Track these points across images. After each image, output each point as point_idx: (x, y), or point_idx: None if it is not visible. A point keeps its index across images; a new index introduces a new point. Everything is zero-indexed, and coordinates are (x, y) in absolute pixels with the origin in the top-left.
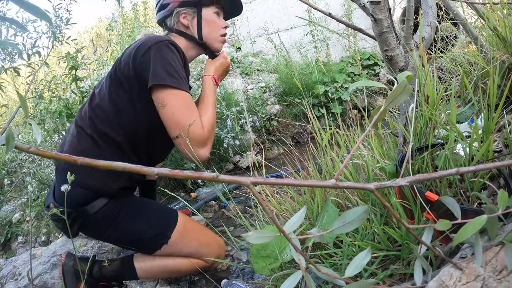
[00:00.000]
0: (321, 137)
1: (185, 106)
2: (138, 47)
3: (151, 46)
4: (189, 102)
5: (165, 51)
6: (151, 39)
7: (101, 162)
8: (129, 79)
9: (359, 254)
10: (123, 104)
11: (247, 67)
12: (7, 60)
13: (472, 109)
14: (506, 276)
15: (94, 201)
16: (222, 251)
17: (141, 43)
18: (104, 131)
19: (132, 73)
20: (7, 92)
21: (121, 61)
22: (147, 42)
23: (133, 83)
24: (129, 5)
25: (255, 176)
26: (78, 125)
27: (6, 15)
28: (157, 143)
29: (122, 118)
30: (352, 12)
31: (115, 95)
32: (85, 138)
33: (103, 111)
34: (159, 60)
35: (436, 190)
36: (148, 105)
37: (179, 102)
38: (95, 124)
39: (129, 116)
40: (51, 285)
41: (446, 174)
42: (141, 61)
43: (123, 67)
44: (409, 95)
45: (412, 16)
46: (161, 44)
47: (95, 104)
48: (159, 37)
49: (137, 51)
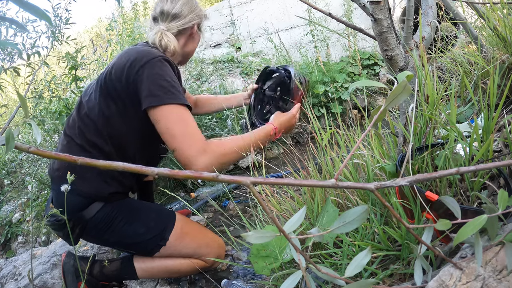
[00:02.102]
0: (321, 137)
1: (180, 119)
2: (131, 64)
3: (145, 65)
4: (184, 115)
5: (159, 67)
6: (144, 55)
7: (100, 162)
8: (120, 93)
9: (359, 254)
10: (112, 116)
11: (247, 67)
12: (6, 60)
13: (472, 109)
14: (506, 275)
15: (89, 206)
16: (222, 251)
17: (134, 59)
18: (93, 141)
19: (125, 88)
20: (7, 92)
21: (112, 74)
22: (141, 58)
23: (124, 98)
24: (129, 5)
25: (255, 176)
26: (67, 134)
27: (6, 15)
28: (146, 153)
29: (111, 129)
30: (352, 12)
31: (105, 106)
32: (74, 147)
33: (91, 121)
34: (154, 78)
35: (436, 190)
36: (137, 118)
37: (174, 116)
38: (83, 133)
39: (118, 127)
40: (51, 285)
41: (446, 174)
42: (135, 79)
43: (115, 81)
44: (409, 94)
45: (412, 16)
46: (154, 61)
47: (84, 114)
48: (152, 53)
49: (130, 68)
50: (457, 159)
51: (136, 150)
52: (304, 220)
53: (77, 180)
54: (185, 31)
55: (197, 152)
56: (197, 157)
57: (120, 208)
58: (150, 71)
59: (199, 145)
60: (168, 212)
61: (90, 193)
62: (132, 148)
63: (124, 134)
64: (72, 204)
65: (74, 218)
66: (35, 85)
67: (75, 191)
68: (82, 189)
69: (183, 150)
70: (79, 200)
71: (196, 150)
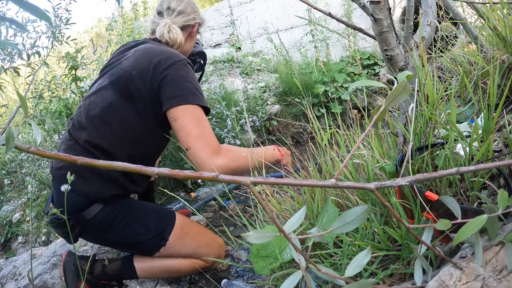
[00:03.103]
0: (321, 136)
1: (198, 120)
2: (155, 65)
3: (170, 67)
4: (202, 117)
5: (183, 70)
6: (169, 56)
7: (100, 162)
8: (143, 95)
9: (359, 253)
10: (130, 117)
11: (247, 67)
12: (6, 60)
13: (472, 109)
14: (506, 275)
15: (90, 206)
16: (222, 251)
17: (158, 61)
18: (100, 144)
19: (148, 89)
20: (7, 92)
21: (133, 75)
22: (165, 60)
23: (146, 99)
24: (129, 5)
25: (255, 176)
26: (71, 134)
27: (6, 15)
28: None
29: (125, 131)
30: (352, 11)
31: (123, 108)
32: (78, 148)
33: (105, 123)
34: (178, 80)
35: (436, 190)
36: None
37: (193, 117)
38: (92, 137)
39: (134, 129)
40: (51, 285)
41: (446, 173)
42: (161, 78)
43: (138, 82)
44: (409, 94)
45: (412, 16)
46: (179, 64)
47: (94, 115)
48: (176, 55)
49: (155, 70)
50: (457, 159)
51: (146, 155)
52: (304, 220)
53: (78, 180)
54: (187, 28)
55: (210, 154)
56: (210, 159)
57: (120, 208)
58: (175, 73)
59: (213, 148)
60: (168, 212)
61: (90, 194)
62: (143, 152)
63: (139, 137)
64: (73, 204)
65: (74, 218)
66: (35, 85)
67: (76, 191)
68: (83, 189)
69: (197, 150)
70: (80, 200)
71: (209, 152)
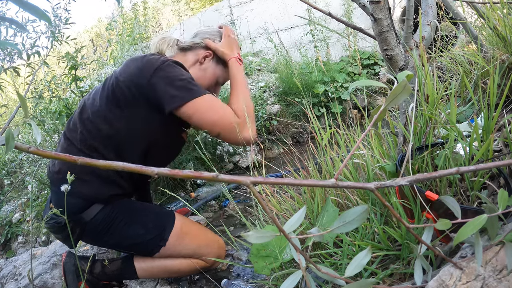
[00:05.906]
0: (321, 136)
1: (210, 107)
2: (140, 71)
3: (155, 71)
4: (210, 101)
5: (169, 70)
6: (151, 62)
7: (100, 162)
8: (129, 101)
9: (359, 253)
10: (118, 123)
11: (247, 66)
12: (6, 60)
13: (472, 109)
14: (506, 275)
15: (88, 208)
16: (222, 251)
17: (143, 67)
18: (94, 146)
19: (137, 97)
20: (7, 92)
21: (119, 81)
22: (149, 66)
23: (135, 105)
24: (129, 4)
25: (255, 175)
26: (67, 137)
27: (5, 15)
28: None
29: (116, 136)
30: (352, 11)
31: (110, 113)
32: (74, 151)
33: (94, 127)
34: (168, 81)
35: (436, 190)
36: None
37: (202, 107)
38: (85, 138)
39: (124, 134)
40: (51, 285)
41: (446, 173)
42: (149, 85)
43: (124, 89)
44: (409, 94)
45: (412, 16)
46: (163, 66)
47: (86, 118)
48: (158, 58)
49: (140, 77)
50: (457, 159)
51: (137, 158)
52: (304, 220)
53: (76, 182)
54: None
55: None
56: (240, 131)
57: (119, 209)
58: (163, 74)
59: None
60: (167, 213)
61: (90, 195)
62: (133, 156)
63: (130, 140)
64: (72, 206)
65: (74, 220)
66: (35, 85)
67: (75, 193)
68: (82, 191)
69: (226, 132)
70: (79, 202)
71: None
